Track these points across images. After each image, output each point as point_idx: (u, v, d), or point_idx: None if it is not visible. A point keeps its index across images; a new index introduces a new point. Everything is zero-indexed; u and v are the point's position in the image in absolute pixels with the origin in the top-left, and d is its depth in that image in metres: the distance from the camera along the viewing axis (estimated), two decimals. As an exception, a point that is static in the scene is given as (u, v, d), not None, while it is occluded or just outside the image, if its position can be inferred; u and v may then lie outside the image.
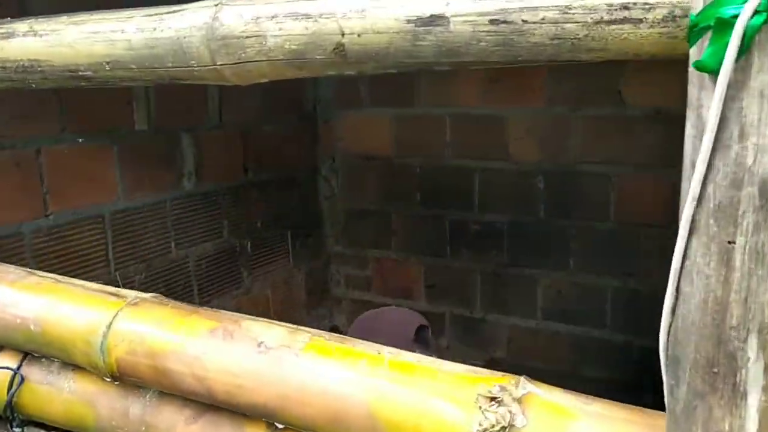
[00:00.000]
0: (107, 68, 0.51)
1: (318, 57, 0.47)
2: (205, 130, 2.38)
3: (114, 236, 2.08)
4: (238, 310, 2.54)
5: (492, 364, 2.76)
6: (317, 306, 3.02)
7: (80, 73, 0.54)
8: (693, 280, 0.53)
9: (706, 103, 0.51)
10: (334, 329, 3.10)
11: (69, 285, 0.64)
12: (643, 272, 2.45)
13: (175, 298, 2.17)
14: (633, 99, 2.37)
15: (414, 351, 1.39)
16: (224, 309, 2.23)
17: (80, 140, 1.97)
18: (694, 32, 0.51)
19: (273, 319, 2.32)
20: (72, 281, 0.64)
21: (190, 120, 2.32)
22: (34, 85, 0.62)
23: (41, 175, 1.87)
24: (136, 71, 0.50)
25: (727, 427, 0.52)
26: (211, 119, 2.40)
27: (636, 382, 2.51)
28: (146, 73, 0.50)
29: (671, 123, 2.33)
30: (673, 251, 0.56)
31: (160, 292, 2.11)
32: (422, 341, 1.45)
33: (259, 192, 2.63)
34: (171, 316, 0.57)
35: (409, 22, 0.47)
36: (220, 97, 2.40)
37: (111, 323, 0.56)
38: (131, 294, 0.60)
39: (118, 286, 2.08)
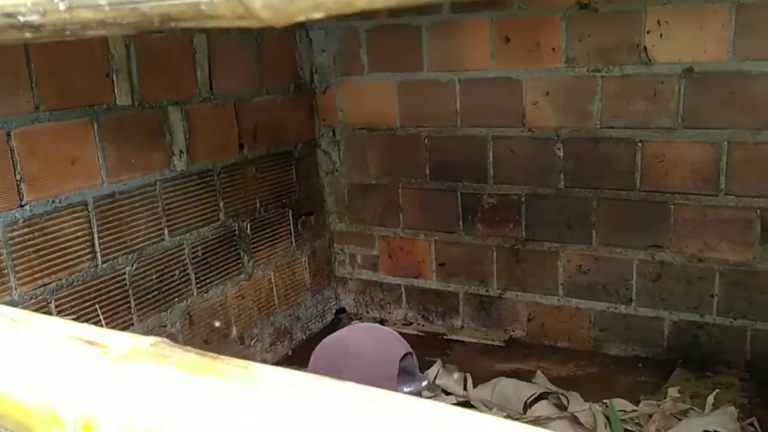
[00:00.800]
0: (62, 8, 0.32)
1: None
2: (195, 103, 2.16)
3: (99, 224, 1.88)
4: (240, 297, 2.36)
5: (511, 344, 2.61)
6: (322, 288, 2.84)
7: (21, 19, 0.34)
8: None
9: None
10: (340, 312, 2.93)
11: (30, 326, 0.44)
12: (674, 244, 2.28)
13: (171, 289, 1.99)
14: (660, 56, 2.17)
15: (402, 389, 1.13)
16: (226, 297, 2.04)
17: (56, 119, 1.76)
18: None
19: (277, 304, 2.11)
20: (34, 319, 0.45)
21: (177, 92, 2.11)
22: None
23: (14, 160, 1.66)
24: (108, 11, 0.31)
25: None
26: (201, 91, 2.19)
27: (665, 359, 2.37)
28: (123, 14, 0.31)
29: (704, 81, 2.15)
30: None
31: (153, 283, 1.91)
32: (407, 373, 1.17)
33: (256, 169, 2.43)
34: (177, 378, 0.38)
35: None
36: (209, 65, 2.19)
37: (86, 396, 0.37)
38: (118, 341, 0.41)
39: (106, 281, 1.90)
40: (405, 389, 1.13)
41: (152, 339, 0.42)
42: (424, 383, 1.18)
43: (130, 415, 0.38)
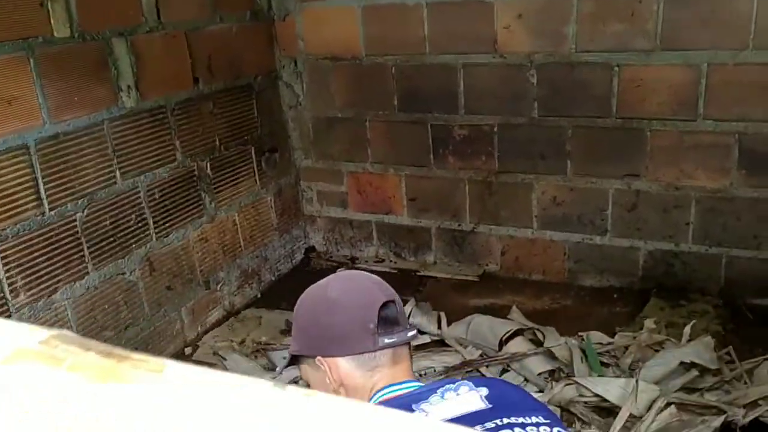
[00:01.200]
0: None
1: None
2: (141, 33, 1.99)
3: (44, 169, 1.74)
4: (203, 240, 2.26)
5: (485, 279, 2.56)
6: (290, 228, 2.74)
7: None
8: None
9: None
10: (310, 251, 2.85)
11: None
12: (650, 172, 2.22)
13: (127, 236, 1.88)
14: (639, -27, 2.05)
15: (383, 340, 1.02)
16: (188, 241, 1.93)
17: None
18: None
19: (243, 245, 2.00)
20: None
21: (122, 21, 1.93)
22: None
23: (-62, 100, 1.50)
24: None
25: None
26: (148, 20, 2.01)
27: (640, 289, 2.35)
28: None
29: (686, -1, 2.03)
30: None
31: (108, 230, 1.79)
32: (388, 322, 1.04)
33: (214, 104, 2.28)
34: (71, 387, 0.28)
35: None
36: (155, -8, 2.00)
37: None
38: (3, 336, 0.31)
39: (55, 228, 1.77)
40: (386, 340, 1.02)
41: (45, 333, 0.32)
42: (410, 334, 1.06)
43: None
